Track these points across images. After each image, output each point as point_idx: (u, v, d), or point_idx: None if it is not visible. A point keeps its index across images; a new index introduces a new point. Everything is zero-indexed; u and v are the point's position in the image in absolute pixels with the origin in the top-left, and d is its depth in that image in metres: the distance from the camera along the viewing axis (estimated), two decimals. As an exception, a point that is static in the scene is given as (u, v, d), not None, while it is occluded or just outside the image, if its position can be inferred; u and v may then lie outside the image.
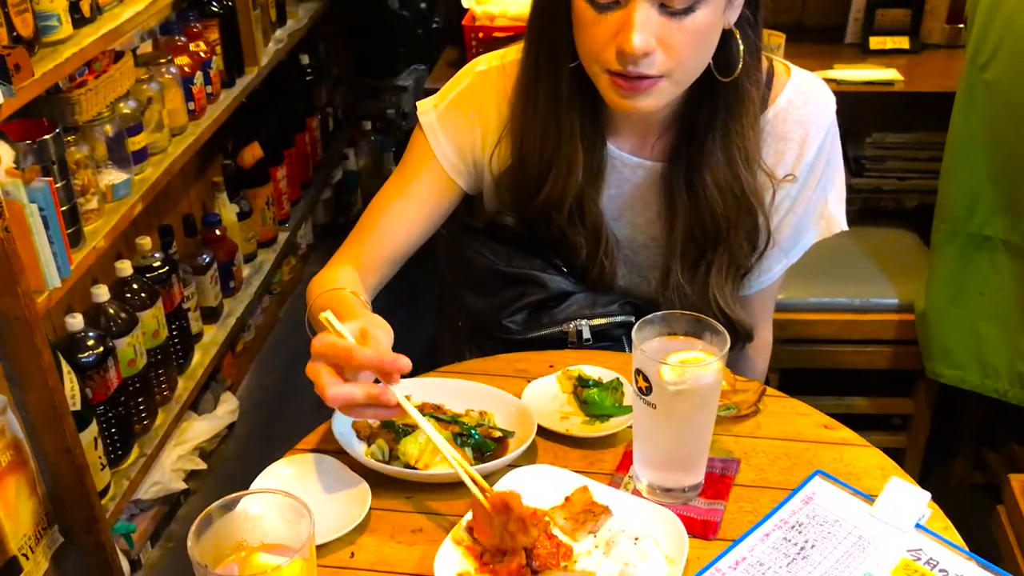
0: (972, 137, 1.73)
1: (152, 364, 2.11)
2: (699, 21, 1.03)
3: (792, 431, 1.09)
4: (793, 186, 1.23)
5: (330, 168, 3.36)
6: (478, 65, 1.27)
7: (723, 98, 1.14)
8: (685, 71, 1.08)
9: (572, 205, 1.21)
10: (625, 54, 1.02)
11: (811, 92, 1.22)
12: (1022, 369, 1.73)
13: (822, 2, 2.35)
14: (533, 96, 1.18)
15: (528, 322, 1.27)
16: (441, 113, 1.26)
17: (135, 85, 2.07)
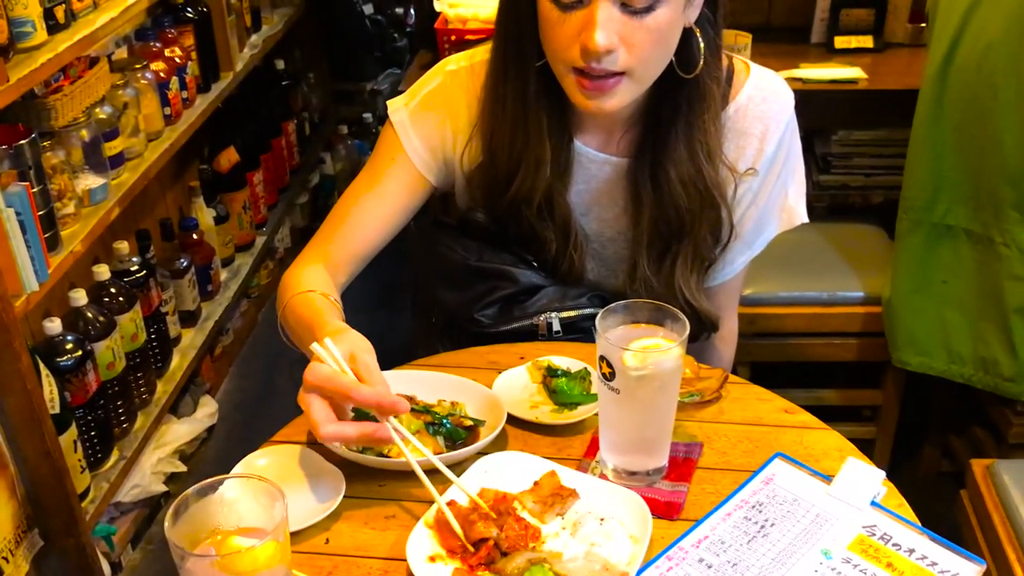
0: (935, 129, 1.77)
1: (131, 367, 2.12)
2: (660, 19, 1.06)
3: (754, 416, 1.13)
4: (755, 180, 1.27)
5: (307, 172, 3.38)
6: (448, 64, 1.30)
7: (685, 94, 1.17)
8: (646, 69, 1.11)
9: (541, 200, 1.24)
10: (588, 51, 1.06)
11: (770, 89, 1.26)
12: (985, 354, 1.77)
13: (788, 2, 2.40)
14: (502, 94, 1.21)
15: (500, 315, 1.30)
16: (412, 111, 1.29)
17: (111, 91, 2.09)
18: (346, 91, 3.64)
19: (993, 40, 1.64)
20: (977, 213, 1.73)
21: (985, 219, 1.72)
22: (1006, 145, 1.64)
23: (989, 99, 1.65)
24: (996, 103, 1.64)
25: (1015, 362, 1.73)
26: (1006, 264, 1.70)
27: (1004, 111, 1.63)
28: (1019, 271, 1.69)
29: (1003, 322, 1.73)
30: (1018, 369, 1.73)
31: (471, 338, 1.31)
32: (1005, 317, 1.72)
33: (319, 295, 1.15)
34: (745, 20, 2.33)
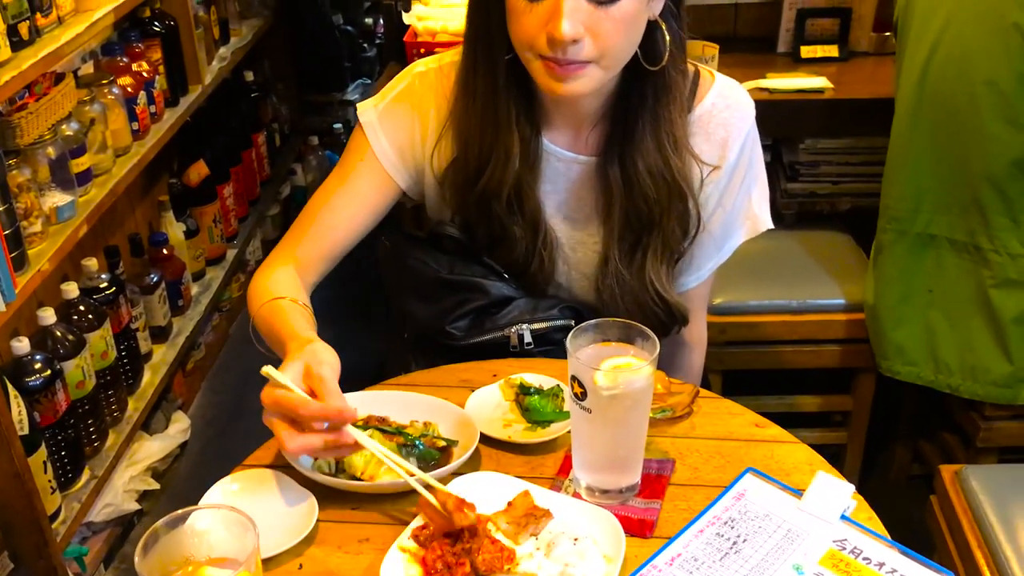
0: (914, 141, 1.80)
1: (101, 385, 2.10)
2: (625, 9, 1.09)
3: (725, 430, 1.14)
4: (719, 182, 1.29)
5: (278, 184, 3.37)
6: (417, 67, 1.32)
7: (651, 86, 1.20)
8: (612, 57, 1.14)
9: (511, 193, 1.26)
10: (555, 40, 1.08)
11: (733, 97, 1.29)
12: (974, 363, 1.79)
13: (754, 13, 2.42)
14: (472, 87, 1.24)
15: (471, 328, 1.31)
16: (381, 112, 1.31)
17: (77, 107, 2.07)
18: (316, 102, 3.63)
19: (971, 49, 1.67)
20: (962, 221, 1.75)
21: (972, 227, 1.74)
22: (990, 153, 1.67)
23: (969, 108, 1.68)
24: (977, 112, 1.67)
25: (1010, 367, 1.75)
26: (998, 270, 1.72)
27: (986, 119, 1.66)
28: (1013, 276, 1.71)
29: (996, 329, 1.74)
30: (1012, 373, 1.75)
31: (443, 351, 1.31)
32: (999, 325, 1.74)
33: (288, 301, 1.16)
34: (712, 30, 2.35)
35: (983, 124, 1.66)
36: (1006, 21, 1.60)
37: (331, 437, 0.97)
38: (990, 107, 1.65)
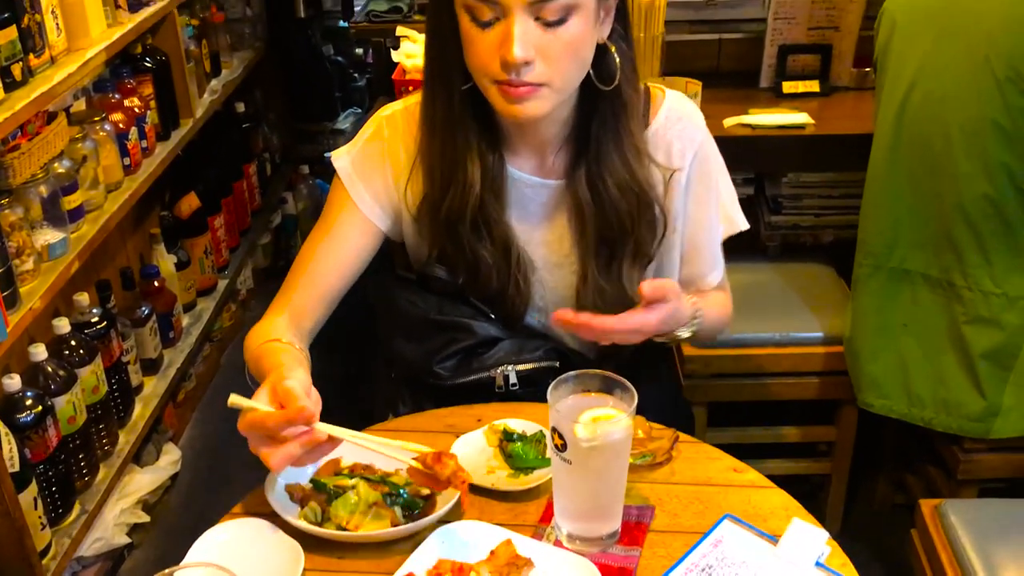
0: (891, 176, 1.83)
1: (92, 420, 2.12)
2: (572, 31, 1.14)
3: (704, 476, 1.16)
4: (682, 191, 1.34)
5: (269, 213, 3.40)
6: (384, 111, 1.37)
7: (609, 105, 1.26)
8: (563, 78, 1.18)
9: (476, 218, 1.29)
10: (508, 63, 1.13)
11: (683, 111, 1.35)
12: (947, 396, 1.82)
13: (737, 48, 2.46)
14: (431, 116, 1.28)
15: (458, 368, 1.34)
16: (354, 159, 1.34)
17: (69, 144, 2.10)
18: (307, 131, 3.66)
19: (947, 91, 1.70)
20: (936, 258, 1.78)
21: (945, 263, 1.77)
22: (963, 194, 1.70)
23: (944, 147, 1.71)
24: (951, 151, 1.70)
25: (983, 402, 1.78)
26: (970, 307, 1.75)
27: (960, 160, 1.69)
28: (984, 313, 1.74)
29: (967, 365, 1.77)
30: (985, 408, 1.78)
31: (430, 391, 1.34)
32: (970, 360, 1.77)
33: (279, 343, 1.20)
34: (695, 66, 2.38)
35: (957, 163, 1.70)
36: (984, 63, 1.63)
37: (304, 439, 1.00)
38: (964, 147, 1.69)
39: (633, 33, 2.19)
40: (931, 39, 1.75)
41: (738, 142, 2.20)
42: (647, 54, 2.24)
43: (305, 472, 1.14)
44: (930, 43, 1.75)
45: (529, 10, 1.12)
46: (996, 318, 1.72)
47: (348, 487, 1.08)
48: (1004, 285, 1.71)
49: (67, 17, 2.05)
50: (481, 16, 1.14)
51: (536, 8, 1.12)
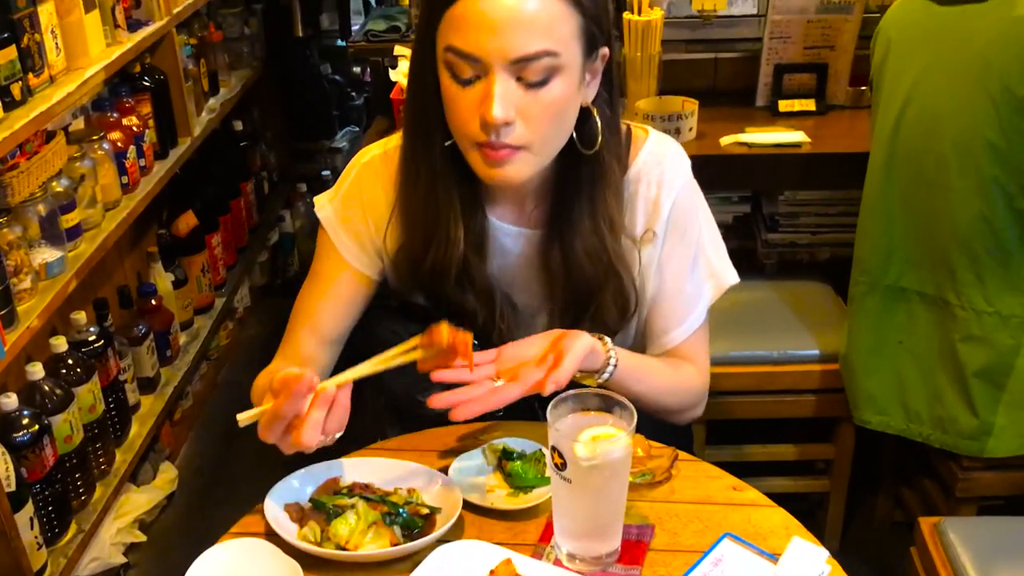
0: (885, 195, 1.84)
1: (89, 439, 2.11)
2: (554, 93, 1.11)
3: (703, 494, 1.16)
4: (657, 242, 1.31)
5: (266, 231, 3.40)
6: (363, 157, 1.34)
7: (587, 169, 1.23)
8: (544, 142, 1.16)
9: (459, 274, 1.28)
10: (488, 124, 1.10)
11: (664, 153, 1.31)
12: (942, 413, 1.82)
13: (733, 67, 2.47)
14: (413, 172, 1.26)
15: None
16: (336, 208, 1.33)
17: (68, 163, 2.10)
18: (305, 149, 3.68)
19: (941, 110, 1.71)
20: (931, 276, 1.79)
21: (940, 281, 1.78)
22: (956, 213, 1.71)
23: (938, 167, 1.72)
24: (944, 172, 1.71)
25: (975, 420, 1.78)
26: (962, 325, 1.76)
27: (953, 178, 1.70)
28: (976, 332, 1.75)
29: (961, 382, 1.78)
30: (978, 427, 1.78)
31: (417, 420, 1.33)
32: (963, 378, 1.77)
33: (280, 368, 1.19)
34: (692, 85, 2.39)
35: (950, 181, 1.71)
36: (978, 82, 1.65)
37: (316, 401, 1.03)
38: (957, 165, 1.70)
39: (630, 53, 2.24)
40: (925, 58, 1.76)
41: (735, 160, 2.21)
42: (644, 73, 2.26)
43: (304, 491, 1.14)
44: (924, 62, 1.76)
45: (511, 69, 1.08)
46: (989, 337, 1.73)
47: (347, 506, 1.08)
48: (996, 304, 1.71)
49: (66, 37, 2.05)
50: (462, 73, 1.11)
51: (518, 67, 1.08)
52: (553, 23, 1.08)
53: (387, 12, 2.62)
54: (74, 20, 2.09)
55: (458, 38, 1.09)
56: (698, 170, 1.38)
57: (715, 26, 2.35)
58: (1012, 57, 1.61)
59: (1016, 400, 1.74)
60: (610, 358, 1.19)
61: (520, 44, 1.07)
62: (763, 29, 2.33)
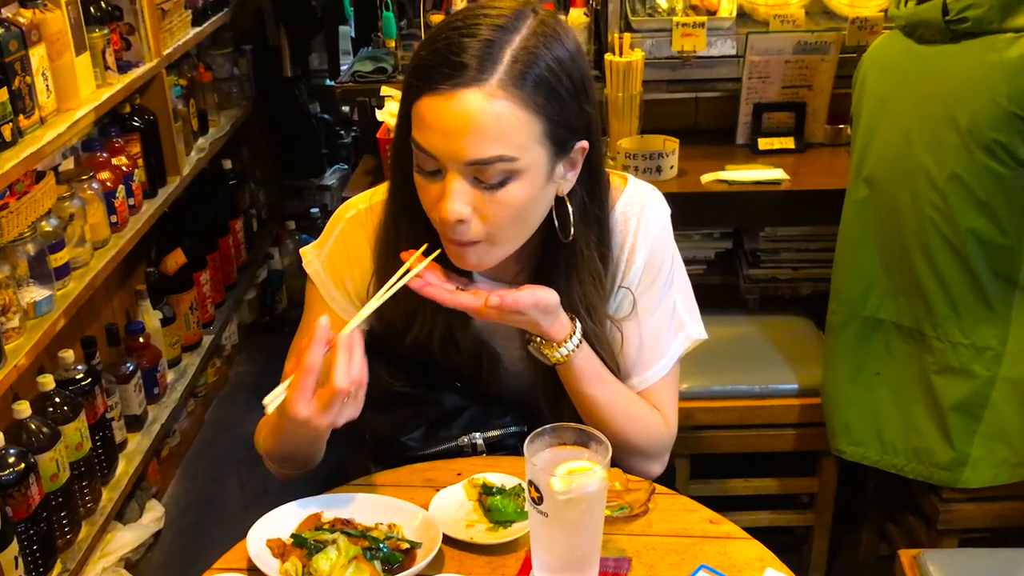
0: (862, 229, 1.88)
1: (75, 477, 2.11)
2: (512, 194, 1.10)
3: (680, 527, 1.18)
4: (631, 286, 1.30)
5: (254, 268, 3.42)
6: (348, 212, 1.33)
7: (563, 255, 1.23)
8: (504, 237, 1.15)
9: (444, 338, 1.28)
10: (443, 220, 1.11)
11: (640, 204, 1.30)
12: (918, 444, 1.85)
13: (713, 106, 2.52)
14: (395, 246, 1.23)
15: (425, 439, 1.34)
16: (323, 262, 1.34)
17: (57, 203, 2.12)
18: (294, 187, 3.71)
19: (915, 147, 1.75)
20: (908, 308, 1.82)
21: (916, 313, 1.81)
22: (932, 248, 1.74)
23: (911, 202, 1.76)
24: (918, 206, 1.75)
25: (951, 452, 1.80)
26: (939, 357, 1.79)
27: (926, 214, 1.74)
28: (953, 364, 1.77)
29: (938, 414, 1.80)
30: (954, 458, 1.80)
31: (400, 461, 1.34)
32: (940, 410, 1.79)
33: None
34: (673, 123, 2.44)
35: (924, 216, 1.75)
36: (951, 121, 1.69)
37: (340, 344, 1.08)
38: (930, 200, 1.74)
39: (611, 93, 2.28)
40: (902, 95, 1.81)
41: (716, 198, 2.25)
42: (625, 112, 2.30)
43: (286, 527, 1.15)
44: (901, 99, 1.81)
45: (465, 171, 1.08)
46: (965, 368, 1.75)
47: (328, 542, 1.09)
48: (972, 336, 1.75)
49: (57, 79, 2.09)
50: (425, 166, 1.11)
51: (473, 170, 1.08)
52: (509, 131, 1.07)
53: (374, 53, 2.66)
54: (65, 63, 2.12)
55: (420, 135, 1.09)
56: (680, 207, 1.40)
57: (695, 66, 2.40)
58: (982, 100, 1.66)
59: (992, 431, 1.76)
60: (574, 334, 1.20)
61: (473, 149, 1.06)
62: (742, 69, 2.39)
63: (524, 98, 1.07)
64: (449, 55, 1.07)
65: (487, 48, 1.06)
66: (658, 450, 1.36)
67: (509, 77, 1.06)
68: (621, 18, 2.41)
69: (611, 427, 1.27)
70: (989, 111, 1.65)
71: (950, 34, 1.71)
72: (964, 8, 1.67)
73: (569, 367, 1.23)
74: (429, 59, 1.08)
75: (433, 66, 1.07)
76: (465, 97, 1.05)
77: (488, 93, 1.05)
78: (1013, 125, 1.63)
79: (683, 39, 2.33)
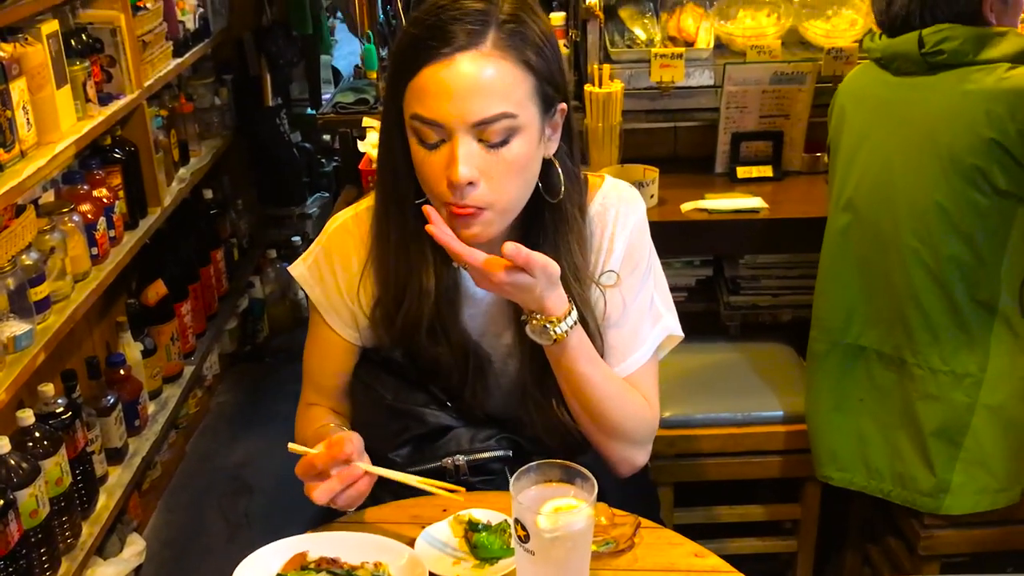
0: (844, 257, 1.90)
1: (55, 512, 2.09)
2: (515, 151, 1.18)
3: (666, 561, 1.19)
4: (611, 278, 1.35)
5: (236, 297, 3.41)
6: (334, 223, 1.41)
7: (551, 217, 1.29)
8: (507, 199, 1.22)
9: (434, 326, 1.32)
10: (453, 184, 1.16)
11: (618, 196, 1.37)
12: (902, 470, 1.86)
13: (692, 135, 2.54)
14: (385, 231, 1.32)
15: (412, 456, 1.36)
16: (308, 266, 1.40)
17: (37, 236, 2.12)
18: (275, 215, 3.71)
19: (895, 175, 1.79)
20: (889, 335, 1.84)
21: (897, 340, 1.83)
22: (912, 275, 1.77)
23: (893, 232, 1.79)
24: (898, 235, 1.77)
25: (933, 478, 1.82)
26: (920, 384, 1.80)
27: (907, 241, 1.76)
28: (933, 391, 1.79)
29: (919, 440, 1.82)
30: (936, 484, 1.82)
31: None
32: (921, 437, 1.81)
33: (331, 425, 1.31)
34: (653, 153, 2.45)
35: (904, 243, 1.77)
36: (930, 150, 1.72)
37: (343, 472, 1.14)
38: (910, 228, 1.76)
39: (591, 123, 2.30)
40: (880, 126, 1.84)
41: (696, 226, 2.26)
42: (605, 142, 2.32)
43: (272, 565, 1.15)
44: (879, 130, 1.84)
45: (472, 132, 1.15)
46: (945, 395, 1.77)
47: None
48: (952, 363, 1.77)
49: (37, 112, 2.09)
50: (427, 139, 1.17)
51: (479, 130, 1.15)
52: (508, 87, 1.16)
53: (355, 84, 2.68)
54: (45, 96, 2.13)
55: (422, 107, 1.16)
56: (660, 236, 1.44)
57: (674, 97, 2.42)
58: (960, 128, 1.69)
59: (972, 458, 1.78)
60: (572, 311, 1.23)
61: (479, 108, 1.14)
62: (720, 99, 2.41)
63: (516, 57, 1.16)
64: (444, 27, 1.15)
65: (478, 15, 1.16)
66: (645, 435, 1.39)
67: (501, 39, 1.16)
68: (600, 50, 2.43)
69: (603, 409, 1.31)
70: (968, 138, 1.68)
71: (926, 66, 1.74)
72: (940, 41, 1.71)
73: (566, 346, 1.25)
74: (425, 34, 1.16)
75: (429, 39, 1.15)
76: (466, 60, 1.14)
77: (485, 54, 1.15)
78: (992, 151, 1.66)
79: (662, 70, 2.36)
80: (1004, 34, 1.71)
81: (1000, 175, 1.67)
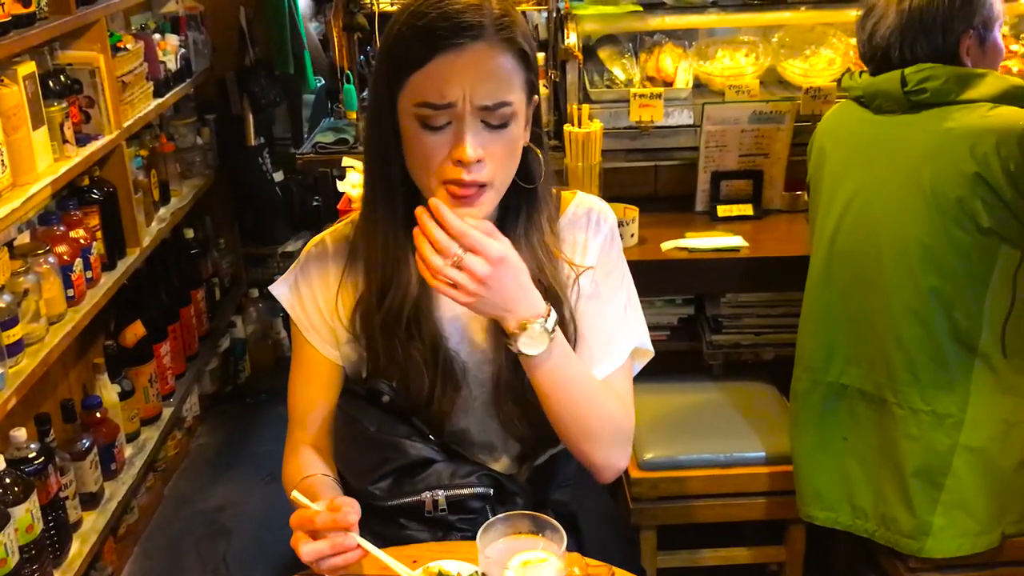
0: (826, 296, 1.89)
1: (25, 560, 2.04)
2: (513, 133, 1.26)
3: (641, 613, 1.16)
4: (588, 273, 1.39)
5: (217, 337, 3.38)
6: (312, 242, 1.45)
7: (525, 201, 1.35)
8: (503, 178, 1.28)
9: (410, 316, 1.33)
10: (463, 161, 1.22)
11: (591, 205, 1.44)
12: (885, 511, 1.84)
13: (673, 174, 2.55)
14: (373, 219, 1.34)
15: (392, 489, 1.36)
16: (289, 285, 1.43)
17: (11, 279, 2.09)
18: (257, 254, 3.69)
19: (877, 213, 1.79)
20: (870, 374, 1.83)
21: (879, 380, 1.82)
22: (894, 314, 1.76)
23: (875, 270, 1.78)
24: (881, 273, 1.77)
25: (914, 520, 1.80)
26: (901, 424, 1.79)
27: (890, 279, 1.76)
28: (914, 431, 1.78)
29: (900, 481, 1.80)
30: (916, 526, 1.80)
31: (368, 510, 1.33)
32: (902, 477, 1.79)
33: (318, 477, 1.35)
34: (633, 191, 2.46)
35: (887, 282, 1.77)
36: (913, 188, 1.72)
37: (336, 540, 1.14)
38: (893, 266, 1.76)
39: (571, 163, 2.30)
40: (862, 164, 1.84)
41: (677, 265, 2.26)
42: (585, 181, 2.32)
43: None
44: (861, 168, 1.84)
45: (478, 114, 1.22)
46: (925, 436, 1.76)
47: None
48: (933, 403, 1.75)
49: (12, 153, 2.08)
50: (434, 122, 1.22)
51: (484, 113, 1.22)
52: (510, 75, 1.25)
53: (335, 124, 2.67)
54: (21, 137, 2.12)
55: (431, 93, 1.21)
56: (641, 274, 1.48)
57: (653, 136, 2.43)
58: (944, 164, 1.70)
59: (953, 500, 1.76)
60: (550, 313, 1.24)
61: (488, 93, 1.22)
62: (699, 138, 2.42)
63: (513, 48, 1.25)
64: (449, 20, 1.21)
65: (476, 11, 1.23)
66: (626, 436, 1.39)
67: (501, 32, 1.24)
68: (580, 90, 2.44)
69: (585, 412, 1.32)
70: (951, 174, 1.69)
71: (908, 104, 1.75)
72: (923, 80, 1.72)
73: (550, 351, 1.25)
74: (430, 27, 1.21)
75: (437, 31, 1.21)
76: (478, 48, 1.22)
77: (492, 45, 1.23)
78: (975, 186, 1.67)
79: (641, 110, 2.37)
80: (984, 75, 1.72)
81: (983, 212, 1.67)
